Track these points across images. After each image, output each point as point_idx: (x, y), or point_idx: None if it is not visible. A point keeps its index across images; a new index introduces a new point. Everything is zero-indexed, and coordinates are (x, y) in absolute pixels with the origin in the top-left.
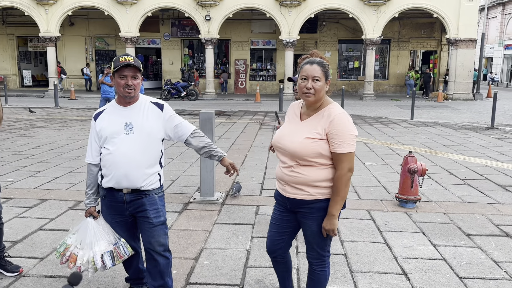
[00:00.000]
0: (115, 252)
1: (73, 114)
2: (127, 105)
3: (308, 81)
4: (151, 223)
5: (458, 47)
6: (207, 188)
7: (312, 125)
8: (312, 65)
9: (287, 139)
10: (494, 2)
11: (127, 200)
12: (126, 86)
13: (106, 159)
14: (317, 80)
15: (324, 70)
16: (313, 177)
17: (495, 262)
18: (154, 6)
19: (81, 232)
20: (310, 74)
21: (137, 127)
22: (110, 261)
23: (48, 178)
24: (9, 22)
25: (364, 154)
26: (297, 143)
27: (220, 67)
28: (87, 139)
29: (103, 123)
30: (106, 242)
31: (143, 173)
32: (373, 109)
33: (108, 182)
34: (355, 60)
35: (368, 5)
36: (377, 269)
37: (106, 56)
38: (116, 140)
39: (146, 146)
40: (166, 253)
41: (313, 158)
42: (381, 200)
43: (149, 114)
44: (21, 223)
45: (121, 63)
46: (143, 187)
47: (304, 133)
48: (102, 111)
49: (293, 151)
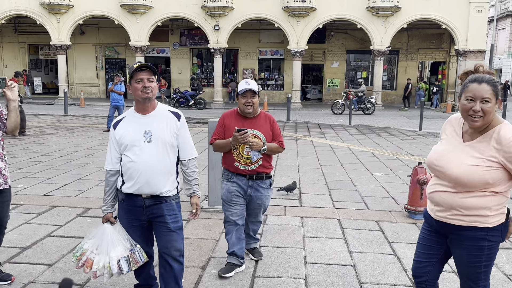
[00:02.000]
0: (131, 258)
1: (82, 122)
2: (145, 113)
3: (475, 102)
4: (168, 228)
5: (467, 58)
6: (214, 196)
7: (479, 149)
8: (480, 84)
9: (448, 161)
10: (503, 13)
11: (146, 205)
12: (143, 88)
13: (128, 166)
14: (487, 102)
15: (495, 90)
16: (470, 204)
17: (506, 275)
18: (164, 15)
19: (98, 237)
20: (479, 95)
21: (156, 135)
22: (127, 267)
23: (57, 185)
24: (21, 30)
25: (373, 164)
26: (461, 169)
27: (228, 76)
28: (96, 146)
29: (122, 131)
30: (123, 248)
31: (163, 180)
32: (381, 119)
33: (130, 188)
34: (363, 70)
35: (376, 16)
36: (386, 280)
37: (116, 65)
38: (136, 148)
39: (164, 154)
40: (181, 259)
41: (477, 186)
42: (390, 211)
43: (167, 123)
44: (30, 230)
45: (136, 68)
46: (163, 194)
47: (470, 159)
48: (121, 119)
49: (454, 177)
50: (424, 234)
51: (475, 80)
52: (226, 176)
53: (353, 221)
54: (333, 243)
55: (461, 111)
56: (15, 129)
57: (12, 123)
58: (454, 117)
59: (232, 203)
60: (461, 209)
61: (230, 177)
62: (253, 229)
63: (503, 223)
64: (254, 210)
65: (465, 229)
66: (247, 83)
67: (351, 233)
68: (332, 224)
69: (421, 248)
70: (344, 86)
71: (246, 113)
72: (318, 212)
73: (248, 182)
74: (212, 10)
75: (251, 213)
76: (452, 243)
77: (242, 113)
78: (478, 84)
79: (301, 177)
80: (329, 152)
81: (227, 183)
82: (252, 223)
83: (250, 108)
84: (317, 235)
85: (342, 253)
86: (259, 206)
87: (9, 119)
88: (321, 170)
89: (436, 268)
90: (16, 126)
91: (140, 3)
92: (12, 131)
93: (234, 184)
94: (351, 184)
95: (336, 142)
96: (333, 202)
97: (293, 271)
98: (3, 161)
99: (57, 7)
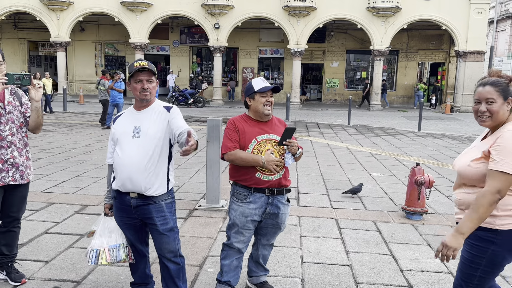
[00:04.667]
0: (103, 253)
1: (81, 119)
2: (141, 109)
3: (481, 104)
4: (158, 230)
5: (466, 60)
6: (212, 195)
7: (484, 144)
8: (484, 87)
9: (458, 159)
10: (503, 15)
11: (134, 205)
12: (142, 90)
13: (116, 162)
14: (492, 102)
15: (501, 89)
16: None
17: (502, 276)
18: (164, 13)
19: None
20: (483, 97)
21: (144, 131)
22: (94, 260)
23: (55, 182)
24: (21, 26)
25: (371, 164)
26: (462, 163)
27: (228, 74)
28: (94, 143)
29: (119, 126)
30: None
31: (147, 177)
32: (380, 120)
33: (115, 184)
34: (362, 71)
35: (376, 16)
36: (382, 281)
37: (115, 62)
38: (124, 143)
39: (150, 150)
40: (177, 259)
41: (477, 180)
42: (388, 211)
43: (157, 118)
44: (27, 226)
45: (136, 68)
46: (148, 193)
47: (474, 153)
48: (121, 115)
49: (457, 171)
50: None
51: (481, 84)
52: (241, 196)
53: (351, 221)
54: (330, 243)
55: (473, 114)
56: (36, 128)
57: (32, 122)
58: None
59: (245, 229)
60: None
61: (246, 197)
62: (264, 255)
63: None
64: (271, 230)
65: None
66: (265, 81)
67: (348, 233)
68: (330, 224)
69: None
70: (344, 86)
71: (264, 115)
72: (316, 212)
73: (267, 198)
74: (212, 8)
75: (266, 234)
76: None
77: (256, 117)
78: (482, 87)
79: (299, 177)
80: (328, 152)
81: (242, 205)
82: (263, 247)
83: (270, 109)
84: (314, 234)
85: (339, 253)
86: (278, 226)
87: (30, 118)
88: (319, 169)
89: None
90: (36, 126)
91: (141, 1)
92: (33, 130)
93: (251, 205)
94: (349, 184)
95: (334, 142)
96: (331, 202)
97: (290, 270)
98: (22, 157)
99: (57, 4)
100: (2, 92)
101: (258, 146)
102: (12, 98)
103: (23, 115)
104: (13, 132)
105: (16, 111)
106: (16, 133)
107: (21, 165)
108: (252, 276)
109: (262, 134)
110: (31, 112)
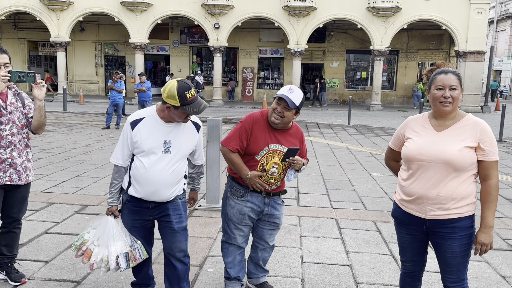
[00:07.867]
0: (131, 255)
1: (81, 119)
2: (170, 121)
3: (444, 90)
4: (172, 228)
5: (466, 60)
6: (212, 195)
7: (458, 134)
8: (447, 75)
9: (435, 149)
10: (503, 15)
11: (152, 206)
12: (186, 117)
13: (140, 173)
14: (454, 89)
15: (459, 78)
16: (463, 192)
17: (502, 276)
18: (164, 13)
19: (100, 228)
20: (447, 83)
21: (175, 147)
22: (125, 264)
23: (55, 182)
24: (21, 26)
25: (371, 164)
26: (453, 152)
27: (227, 74)
28: (94, 143)
29: (143, 135)
30: (123, 243)
31: (172, 190)
32: (380, 120)
33: (137, 193)
34: (362, 71)
35: (376, 16)
36: (382, 281)
37: (115, 62)
38: (153, 157)
39: (178, 165)
40: (186, 259)
41: (467, 168)
42: (388, 211)
43: (188, 134)
44: (27, 226)
45: (189, 101)
46: (169, 199)
47: (457, 142)
48: (141, 119)
49: (449, 159)
50: (407, 237)
51: (442, 72)
52: (238, 194)
53: (351, 221)
54: (330, 243)
55: (432, 100)
56: (38, 128)
57: (35, 121)
58: (415, 117)
59: (242, 225)
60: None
61: (243, 195)
62: (264, 257)
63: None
64: (268, 231)
65: (458, 220)
66: (290, 90)
67: (348, 233)
68: (330, 223)
69: (411, 251)
70: (344, 86)
71: (271, 122)
72: (316, 212)
73: (264, 199)
74: (212, 8)
75: (263, 236)
76: (443, 238)
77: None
78: (445, 74)
79: (299, 177)
80: (328, 152)
81: (240, 203)
82: (263, 250)
83: (278, 119)
84: (314, 234)
85: (339, 253)
86: (276, 226)
87: (33, 117)
88: (319, 169)
89: (425, 261)
90: (39, 126)
91: (141, 1)
92: (35, 130)
93: (248, 203)
94: (349, 184)
95: (334, 142)
96: (331, 202)
97: (290, 270)
98: (22, 158)
99: (57, 4)
100: (5, 92)
101: (268, 154)
102: (15, 99)
103: (25, 116)
104: (13, 132)
105: (18, 112)
106: (16, 133)
107: (19, 165)
108: (251, 277)
109: (275, 144)
110: (34, 111)
